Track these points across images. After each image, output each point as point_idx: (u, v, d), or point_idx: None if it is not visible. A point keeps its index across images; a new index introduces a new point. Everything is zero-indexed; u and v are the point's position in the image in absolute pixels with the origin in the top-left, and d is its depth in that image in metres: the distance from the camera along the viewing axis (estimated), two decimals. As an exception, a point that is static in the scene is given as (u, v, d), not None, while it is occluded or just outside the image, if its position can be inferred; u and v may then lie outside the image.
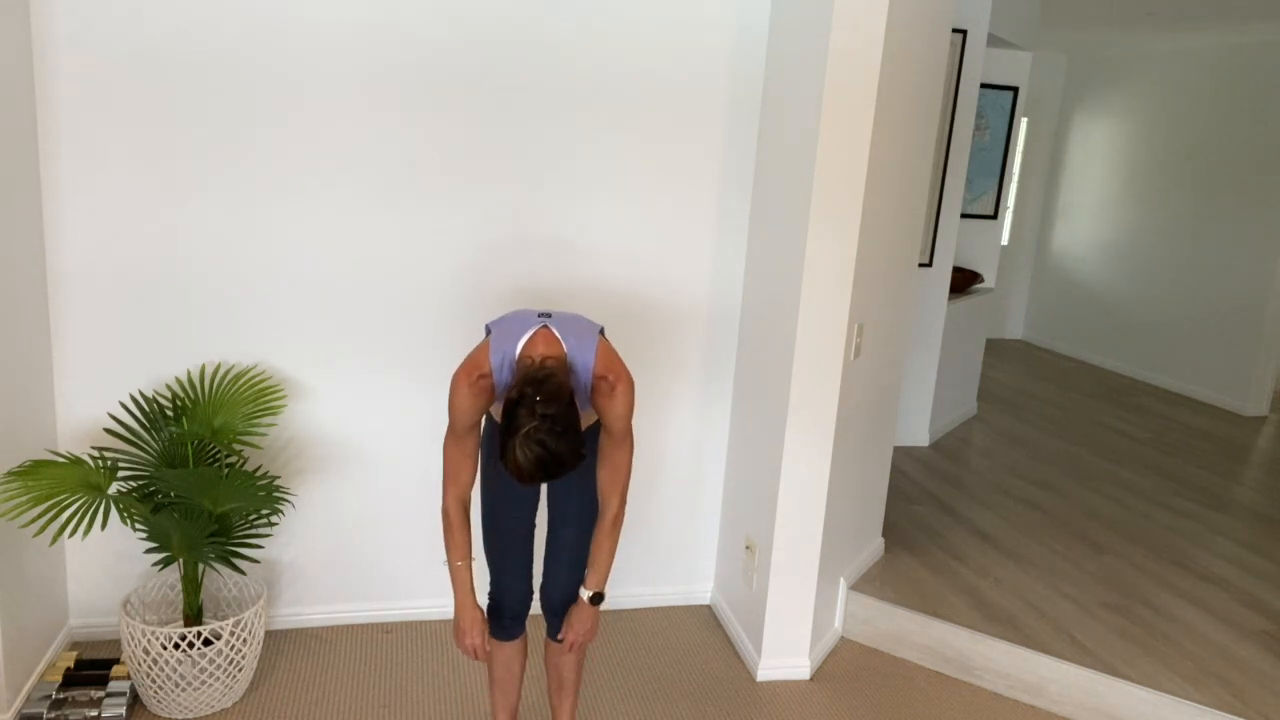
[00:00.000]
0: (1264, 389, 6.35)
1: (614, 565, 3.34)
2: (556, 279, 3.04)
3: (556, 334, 2.02)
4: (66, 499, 2.29)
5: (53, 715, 2.49)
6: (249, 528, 2.70)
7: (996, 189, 6.02)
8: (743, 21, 3.00)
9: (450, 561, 2.14)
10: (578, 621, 2.24)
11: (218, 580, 2.88)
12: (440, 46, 2.79)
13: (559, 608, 2.31)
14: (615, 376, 2.03)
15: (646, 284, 3.13)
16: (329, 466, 3.01)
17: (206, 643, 2.58)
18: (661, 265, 3.13)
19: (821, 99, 2.60)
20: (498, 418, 2.07)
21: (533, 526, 2.29)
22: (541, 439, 1.79)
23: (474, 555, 2.18)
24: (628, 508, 3.28)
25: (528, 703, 2.77)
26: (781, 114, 2.89)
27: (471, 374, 2.00)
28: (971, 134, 4.77)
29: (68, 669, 2.65)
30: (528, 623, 2.38)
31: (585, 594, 2.22)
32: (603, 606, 3.36)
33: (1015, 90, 5.83)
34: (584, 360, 2.02)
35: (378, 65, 2.76)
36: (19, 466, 2.38)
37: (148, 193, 2.69)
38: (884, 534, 3.73)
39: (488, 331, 2.07)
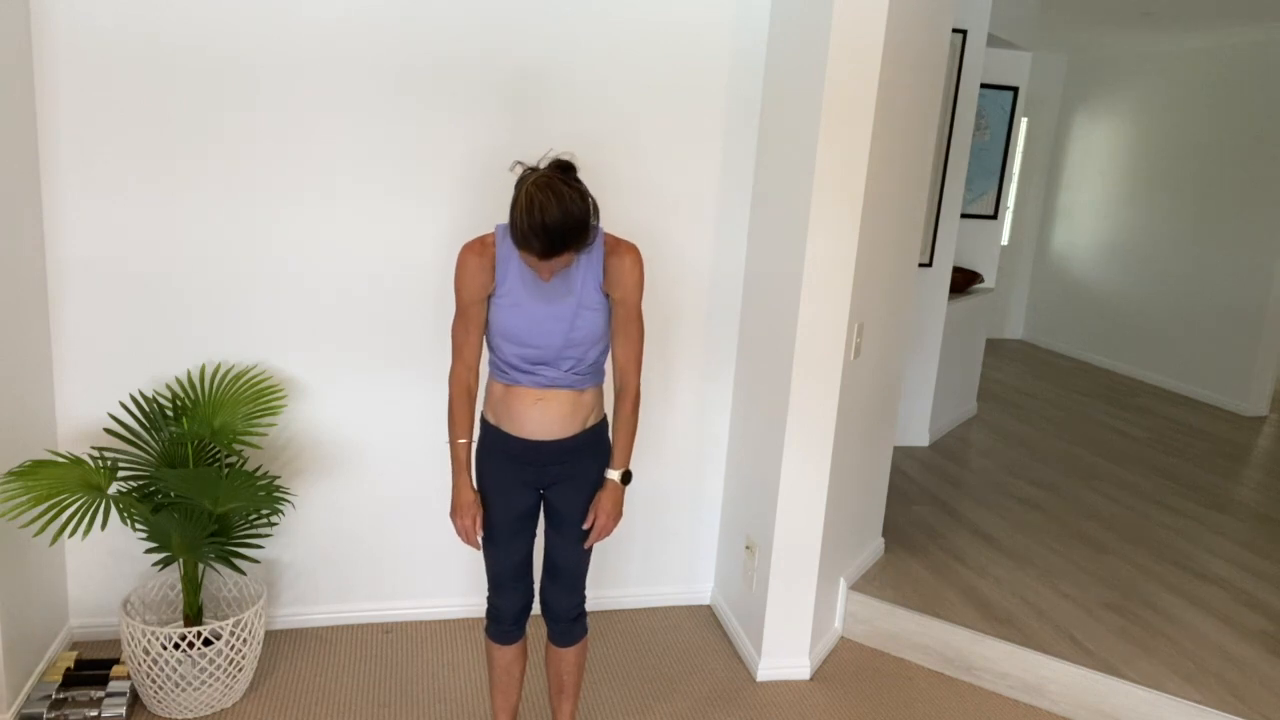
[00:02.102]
0: (1264, 389, 6.35)
1: (613, 565, 3.34)
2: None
3: None
4: (66, 499, 2.29)
5: (53, 715, 2.49)
6: (249, 528, 2.70)
7: (996, 189, 6.03)
8: (743, 21, 3.00)
9: (451, 440, 2.18)
10: (607, 501, 2.21)
11: (218, 580, 2.88)
12: (442, 48, 2.79)
13: (559, 616, 2.31)
14: (626, 247, 2.08)
15: (646, 284, 3.13)
16: (329, 466, 3.01)
17: (206, 643, 2.58)
18: (661, 265, 3.13)
19: (821, 99, 2.60)
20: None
21: (532, 537, 2.27)
22: (553, 184, 1.83)
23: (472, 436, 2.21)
24: (627, 504, 3.29)
25: (528, 703, 2.77)
26: (782, 114, 2.89)
27: (474, 245, 2.06)
28: (971, 134, 4.77)
29: (68, 669, 2.65)
30: (529, 625, 2.38)
31: (614, 474, 2.21)
32: (602, 607, 3.36)
33: (1015, 90, 5.84)
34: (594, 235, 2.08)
35: (379, 64, 2.76)
36: (19, 466, 2.39)
37: (148, 192, 2.69)
38: (884, 534, 3.73)
39: None
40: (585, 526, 2.23)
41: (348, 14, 2.71)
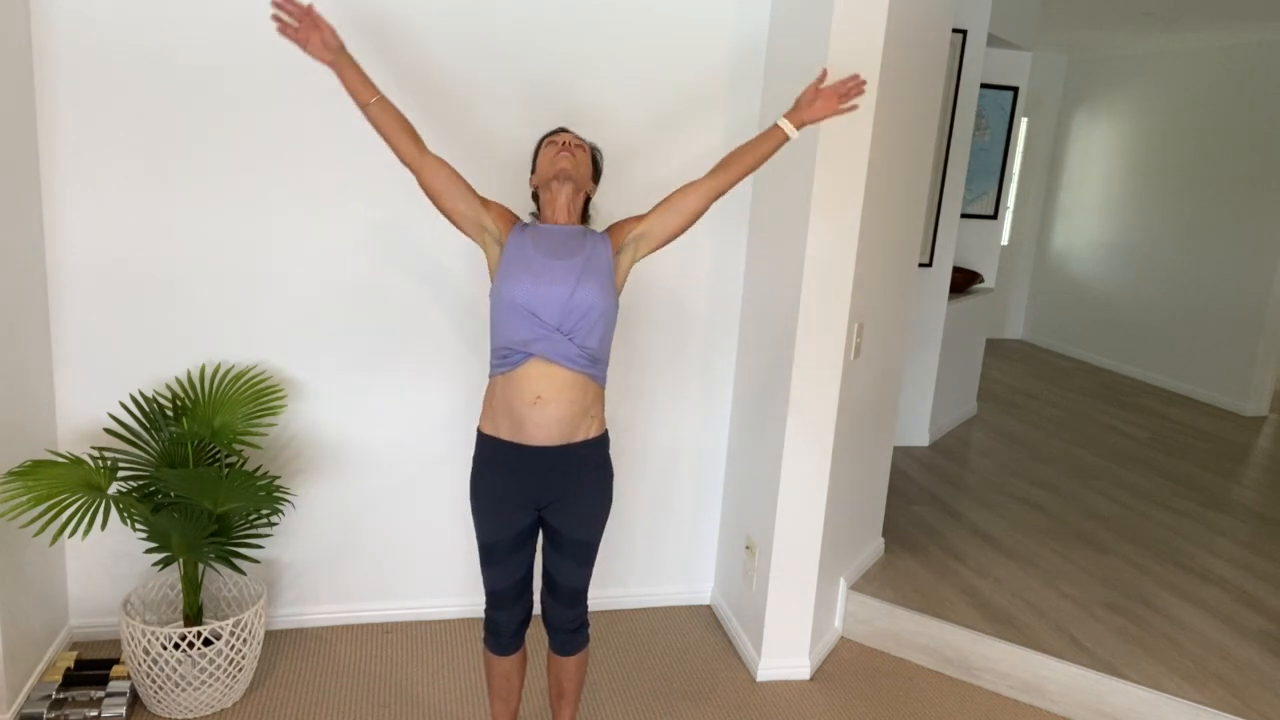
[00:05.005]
0: (1264, 389, 6.35)
1: (613, 565, 3.34)
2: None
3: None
4: (66, 499, 2.29)
5: (53, 715, 2.49)
6: (249, 528, 2.70)
7: (996, 189, 6.02)
8: (743, 21, 3.00)
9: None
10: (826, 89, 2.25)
11: (218, 580, 2.88)
12: (441, 49, 2.79)
13: (560, 627, 2.31)
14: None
15: (646, 284, 3.13)
16: (329, 466, 3.01)
17: (206, 643, 2.58)
18: (661, 265, 3.13)
19: (821, 99, 2.60)
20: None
21: (532, 554, 2.26)
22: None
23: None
24: (627, 504, 3.29)
25: (528, 704, 2.77)
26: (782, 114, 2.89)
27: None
28: (971, 134, 4.77)
29: (68, 669, 2.65)
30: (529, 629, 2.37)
31: (791, 128, 2.24)
32: (602, 607, 3.36)
33: (1015, 90, 5.84)
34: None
35: (378, 65, 2.76)
36: (19, 466, 2.39)
37: (148, 192, 2.69)
38: (884, 534, 3.73)
39: None
40: (833, 92, 2.24)
41: (348, 16, 2.71)
